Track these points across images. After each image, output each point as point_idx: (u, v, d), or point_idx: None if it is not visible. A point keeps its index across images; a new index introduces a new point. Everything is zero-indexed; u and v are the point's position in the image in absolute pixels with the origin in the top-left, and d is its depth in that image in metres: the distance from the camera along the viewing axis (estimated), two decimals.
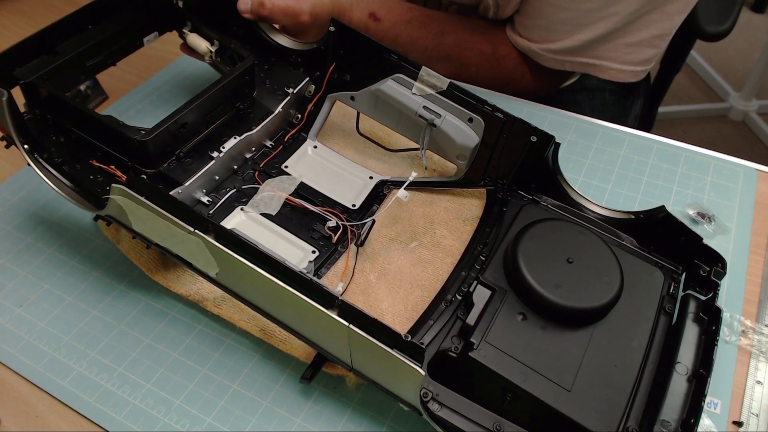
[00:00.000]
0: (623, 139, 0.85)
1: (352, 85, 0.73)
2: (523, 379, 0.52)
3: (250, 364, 0.61)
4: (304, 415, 0.58)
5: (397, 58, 0.69)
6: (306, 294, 0.50)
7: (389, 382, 0.53)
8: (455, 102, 0.68)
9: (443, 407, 0.52)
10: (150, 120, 0.83)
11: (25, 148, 0.62)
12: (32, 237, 0.71)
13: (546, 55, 0.89)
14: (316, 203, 0.69)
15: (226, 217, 0.66)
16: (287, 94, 0.73)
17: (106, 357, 0.61)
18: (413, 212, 0.71)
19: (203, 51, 0.76)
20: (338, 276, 0.65)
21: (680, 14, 0.84)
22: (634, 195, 0.77)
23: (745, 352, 0.63)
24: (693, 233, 0.62)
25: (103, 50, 0.71)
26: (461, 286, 0.61)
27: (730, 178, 0.79)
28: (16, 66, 0.65)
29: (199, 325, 0.64)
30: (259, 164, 0.71)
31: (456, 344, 0.56)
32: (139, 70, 0.92)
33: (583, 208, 0.68)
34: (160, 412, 0.58)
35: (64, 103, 0.64)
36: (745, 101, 2.17)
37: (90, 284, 0.67)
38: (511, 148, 0.67)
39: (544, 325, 0.56)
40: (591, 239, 0.60)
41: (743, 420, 0.58)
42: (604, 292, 0.56)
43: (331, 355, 0.55)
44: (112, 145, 0.64)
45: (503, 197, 0.69)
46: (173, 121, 0.63)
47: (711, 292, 0.60)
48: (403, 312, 0.62)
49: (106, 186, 0.62)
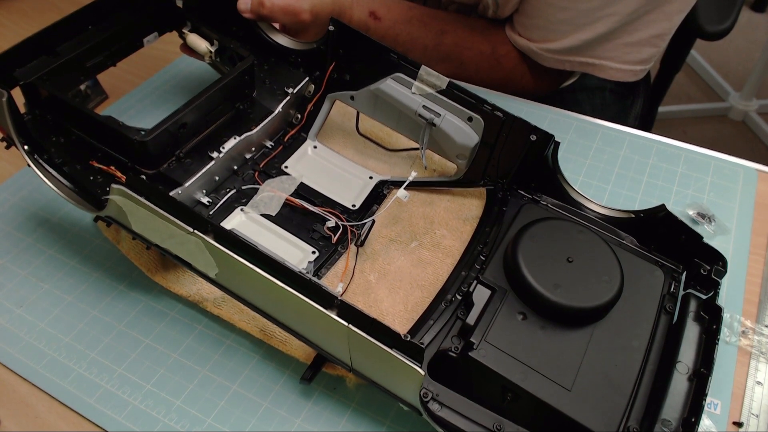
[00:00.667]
0: (623, 139, 0.85)
1: (352, 84, 0.73)
2: (523, 379, 0.52)
3: (250, 364, 0.61)
4: (304, 415, 0.58)
5: (396, 57, 0.69)
6: (306, 294, 0.50)
7: (389, 382, 0.53)
8: (455, 101, 0.68)
9: (443, 407, 0.52)
10: (150, 120, 0.83)
11: (25, 149, 0.62)
12: (32, 237, 0.71)
13: (545, 55, 0.89)
14: (316, 203, 0.69)
15: (226, 217, 0.66)
16: (287, 94, 0.73)
17: (106, 357, 0.61)
18: (413, 212, 0.71)
19: (203, 51, 0.76)
20: (338, 276, 0.65)
21: (679, 14, 0.84)
22: (634, 195, 0.77)
23: (745, 353, 0.63)
24: (693, 232, 0.62)
25: (103, 51, 0.71)
26: (461, 286, 0.61)
27: (730, 178, 0.79)
28: (16, 66, 0.65)
29: (199, 326, 0.64)
30: (259, 164, 0.71)
31: (456, 344, 0.56)
32: (139, 70, 0.92)
33: (583, 207, 0.68)
34: (160, 412, 0.57)
35: (64, 104, 0.64)
36: (745, 101, 2.17)
37: (90, 285, 0.67)
38: (511, 147, 0.67)
39: (544, 325, 0.56)
40: (591, 238, 0.60)
41: (743, 420, 0.58)
42: (604, 292, 0.56)
43: (330, 355, 0.55)
44: (111, 145, 0.64)
45: (503, 197, 0.69)
46: (173, 121, 0.63)
47: (711, 290, 0.60)
48: (403, 312, 0.62)
49: (105, 187, 0.62)
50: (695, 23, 1.16)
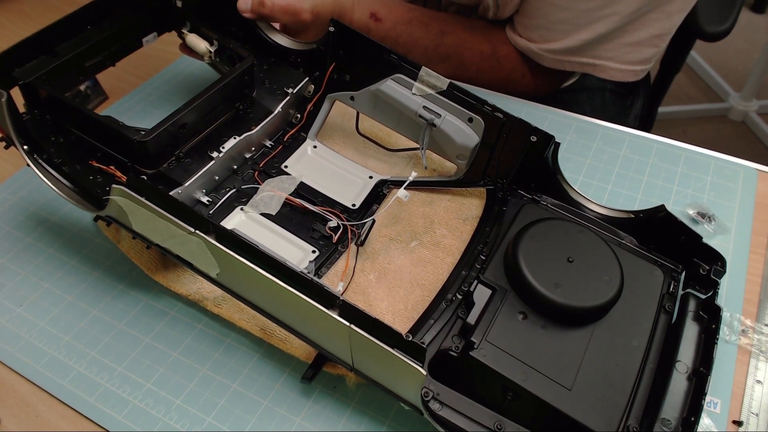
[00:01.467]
0: (623, 139, 0.85)
1: (352, 85, 0.73)
2: (523, 378, 0.52)
3: (250, 363, 0.61)
4: (304, 414, 0.58)
5: (396, 58, 0.69)
6: (307, 294, 0.50)
7: (390, 382, 0.53)
8: (455, 102, 0.68)
9: (444, 407, 0.52)
10: (150, 120, 0.83)
11: (24, 149, 0.62)
12: (32, 237, 0.71)
13: (546, 55, 0.89)
14: (316, 203, 0.69)
15: (225, 217, 0.66)
16: (287, 94, 0.73)
17: (106, 356, 0.61)
18: (413, 212, 0.71)
19: (202, 51, 0.77)
20: (338, 276, 0.65)
21: (680, 14, 0.84)
22: (634, 195, 0.77)
23: (745, 352, 0.63)
24: (692, 232, 0.62)
25: (102, 51, 0.71)
26: (462, 286, 0.61)
27: (730, 178, 0.79)
28: (15, 66, 0.65)
29: (199, 325, 0.64)
30: (259, 164, 0.71)
31: (457, 343, 0.56)
32: (139, 71, 0.92)
33: (583, 207, 0.68)
34: (160, 411, 0.57)
35: (64, 104, 0.64)
36: (745, 101, 2.17)
37: (90, 284, 0.67)
38: (511, 147, 0.67)
39: (544, 324, 0.56)
40: (591, 238, 0.60)
41: (743, 419, 0.58)
42: (604, 291, 0.56)
43: (332, 355, 0.55)
44: (111, 145, 0.64)
45: (503, 197, 0.69)
46: (173, 121, 0.63)
47: (711, 290, 0.60)
48: (404, 312, 0.62)
49: (105, 186, 0.62)
50: (695, 24, 1.16)
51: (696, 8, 1.11)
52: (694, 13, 1.14)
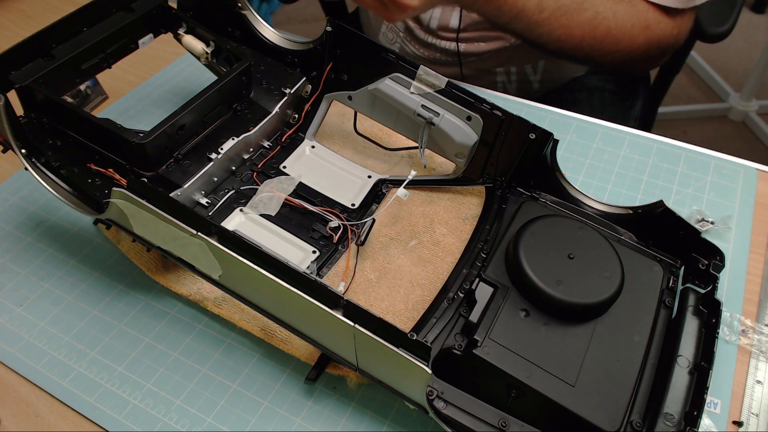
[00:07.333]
0: (623, 138, 0.85)
1: (350, 84, 0.73)
2: (527, 376, 0.52)
3: (250, 363, 0.61)
4: (305, 414, 0.57)
5: (394, 57, 0.69)
6: (311, 295, 0.50)
7: (395, 381, 0.53)
8: (453, 100, 0.68)
9: (449, 405, 0.52)
10: (150, 120, 0.83)
11: (22, 153, 0.62)
12: (32, 237, 0.71)
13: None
14: (316, 203, 0.69)
15: (225, 218, 0.66)
16: (284, 95, 0.73)
17: (106, 357, 0.61)
18: (413, 211, 0.71)
19: (199, 52, 0.76)
20: (339, 276, 0.65)
21: None
22: (634, 195, 0.77)
23: (745, 352, 0.62)
24: (691, 227, 0.62)
25: (98, 53, 0.71)
26: (463, 284, 0.61)
27: (730, 178, 0.79)
28: (12, 70, 0.64)
29: (199, 325, 0.63)
30: (257, 165, 0.71)
31: (459, 342, 0.56)
32: (139, 71, 0.92)
33: (582, 204, 0.68)
34: (160, 411, 0.57)
35: (61, 107, 0.64)
36: (745, 101, 2.17)
37: (90, 284, 0.67)
38: (510, 145, 0.67)
39: (546, 321, 0.56)
40: (591, 235, 0.60)
41: (743, 420, 0.57)
42: (605, 287, 0.56)
43: (336, 355, 0.54)
44: (109, 148, 0.64)
45: (502, 194, 0.69)
46: (171, 123, 0.63)
47: (710, 284, 0.60)
48: (404, 311, 0.62)
49: (104, 189, 0.62)
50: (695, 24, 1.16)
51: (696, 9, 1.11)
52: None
